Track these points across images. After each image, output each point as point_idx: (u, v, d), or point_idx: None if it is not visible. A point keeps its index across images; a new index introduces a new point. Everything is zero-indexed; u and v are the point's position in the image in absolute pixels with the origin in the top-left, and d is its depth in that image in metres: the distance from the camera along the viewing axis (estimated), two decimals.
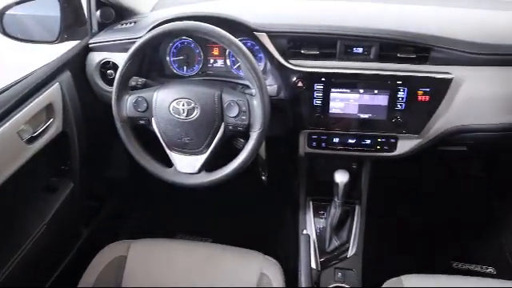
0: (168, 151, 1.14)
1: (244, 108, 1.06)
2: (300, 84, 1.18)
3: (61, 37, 1.28)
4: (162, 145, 1.14)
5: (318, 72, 1.18)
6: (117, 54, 1.29)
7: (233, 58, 1.30)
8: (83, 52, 1.32)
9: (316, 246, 1.35)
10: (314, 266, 1.30)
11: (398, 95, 1.17)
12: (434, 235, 1.79)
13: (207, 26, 1.04)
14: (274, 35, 1.18)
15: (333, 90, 1.19)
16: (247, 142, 1.09)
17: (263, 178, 1.35)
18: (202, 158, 1.11)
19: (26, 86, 1.11)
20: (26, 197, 1.21)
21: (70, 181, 1.31)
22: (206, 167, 1.13)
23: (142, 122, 1.13)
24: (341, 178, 1.23)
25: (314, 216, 1.41)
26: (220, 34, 1.04)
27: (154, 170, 1.15)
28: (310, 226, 1.39)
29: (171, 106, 1.08)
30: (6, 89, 1.10)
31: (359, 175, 1.45)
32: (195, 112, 1.08)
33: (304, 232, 1.26)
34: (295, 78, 1.18)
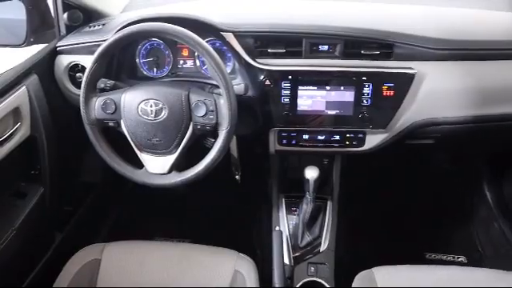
0: (138, 152, 1.14)
1: (211, 107, 1.08)
2: (267, 82, 1.20)
3: (27, 40, 1.27)
4: (132, 146, 1.14)
5: (284, 70, 1.20)
6: (85, 57, 1.28)
7: (202, 59, 1.31)
8: (51, 55, 1.31)
9: (289, 242, 1.36)
10: (287, 261, 1.32)
11: (364, 91, 1.20)
12: (406, 227, 1.83)
13: (172, 26, 1.05)
14: (240, 35, 1.20)
15: (300, 87, 1.21)
16: (216, 141, 1.10)
17: (237, 177, 1.36)
18: (172, 158, 1.12)
19: None
20: None
21: (41, 186, 1.30)
22: (177, 167, 1.13)
23: (111, 124, 1.13)
24: (311, 173, 1.25)
25: (287, 213, 1.43)
26: (185, 35, 1.05)
27: (124, 171, 1.15)
28: (282, 223, 1.41)
29: (139, 107, 1.09)
30: None
31: (330, 171, 1.47)
32: (163, 112, 1.09)
33: (276, 229, 1.27)
34: (263, 77, 1.20)
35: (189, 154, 1.14)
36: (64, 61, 1.31)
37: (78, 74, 1.30)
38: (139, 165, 1.16)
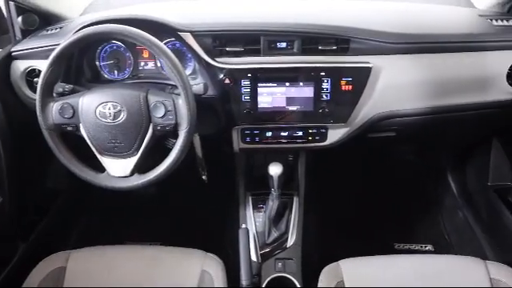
0: (99, 156, 1.13)
1: (170, 108, 1.07)
2: (227, 81, 1.21)
3: None
4: (92, 150, 1.13)
5: (243, 68, 1.21)
6: (42, 62, 1.26)
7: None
8: (6, 61, 1.28)
9: (256, 239, 1.37)
10: (254, 258, 1.33)
11: (323, 86, 1.22)
12: (374, 219, 1.86)
13: (127, 28, 1.04)
14: (198, 34, 1.20)
15: (260, 84, 1.22)
16: (176, 142, 1.10)
17: (203, 177, 1.35)
18: (133, 160, 1.11)
19: None
20: None
21: None
22: (139, 169, 1.13)
23: (69, 129, 1.11)
24: (274, 170, 1.25)
25: (254, 210, 1.43)
26: (141, 36, 1.04)
27: (86, 176, 1.14)
28: (249, 221, 1.41)
29: (97, 110, 1.08)
30: None
31: (296, 167, 1.48)
32: (122, 115, 1.08)
33: (243, 226, 1.28)
34: (222, 76, 1.20)
35: (154, 154, 1.14)
36: (20, 66, 1.28)
37: (35, 79, 1.27)
38: (101, 169, 1.14)
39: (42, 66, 1.24)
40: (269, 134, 1.31)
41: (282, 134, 1.31)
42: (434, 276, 1.11)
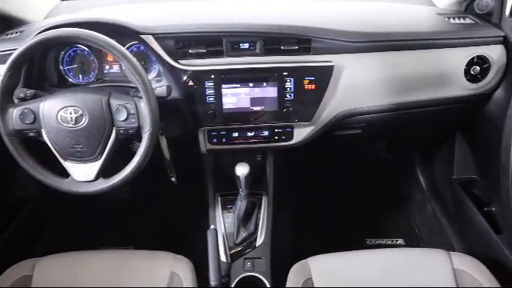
0: (62, 161, 1.12)
1: (132, 111, 1.07)
2: (191, 83, 1.21)
3: None
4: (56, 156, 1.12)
5: (207, 70, 1.21)
6: (1, 67, 1.23)
7: None
8: None
9: (225, 240, 1.38)
10: (223, 258, 1.33)
11: (286, 86, 1.23)
12: (345, 216, 1.88)
13: (86, 31, 1.04)
14: (160, 37, 1.20)
15: (223, 86, 1.23)
16: (140, 144, 1.09)
17: (172, 179, 1.35)
18: (98, 164, 1.11)
19: None
20: None
21: None
22: (104, 173, 1.12)
23: (31, 134, 1.10)
24: (241, 170, 1.26)
25: (223, 211, 1.44)
26: (99, 39, 1.04)
27: (50, 182, 1.13)
28: (218, 221, 1.41)
29: (59, 115, 1.07)
30: None
31: (264, 167, 1.49)
32: (84, 119, 1.07)
33: (211, 227, 1.28)
34: (186, 78, 1.21)
35: (122, 158, 1.13)
36: None
37: None
38: (66, 174, 1.13)
39: (1, 70, 1.23)
40: (235, 134, 1.31)
41: (249, 134, 1.31)
42: (399, 269, 1.13)
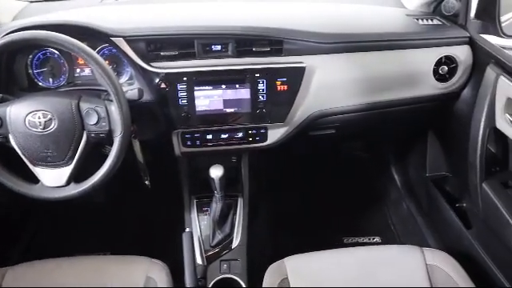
0: (31, 167, 1.10)
1: (103, 114, 1.06)
2: (163, 85, 1.20)
3: None
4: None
5: (179, 72, 1.21)
6: None
7: None
8: None
9: (201, 242, 1.37)
10: (199, 261, 1.33)
11: (259, 87, 1.24)
12: (322, 215, 1.90)
13: (54, 34, 1.02)
14: (131, 39, 1.19)
15: (196, 88, 1.22)
16: (111, 148, 1.08)
17: (146, 182, 1.34)
18: (69, 169, 1.09)
19: None
20: None
21: None
22: (76, 178, 1.11)
23: None
24: (215, 172, 1.26)
25: (199, 213, 1.43)
26: (67, 42, 1.02)
27: (19, 188, 1.11)
28: (194, 224, 1.41)
29: (27, 119, 1.05)
30: None
31: (240, 168, 1.50)
32: (53, 124, 1.05)
33: (186, 230, 1.28)
34: (158, 80, 1.20)
35: (95, 162, 1.12)
36: None
37: None
38: (36, 180, 1.11)
39: None
40: (209, 136, 1.31)
41: (223, 136, 1.31)
42: (374, 267, 1.15)
